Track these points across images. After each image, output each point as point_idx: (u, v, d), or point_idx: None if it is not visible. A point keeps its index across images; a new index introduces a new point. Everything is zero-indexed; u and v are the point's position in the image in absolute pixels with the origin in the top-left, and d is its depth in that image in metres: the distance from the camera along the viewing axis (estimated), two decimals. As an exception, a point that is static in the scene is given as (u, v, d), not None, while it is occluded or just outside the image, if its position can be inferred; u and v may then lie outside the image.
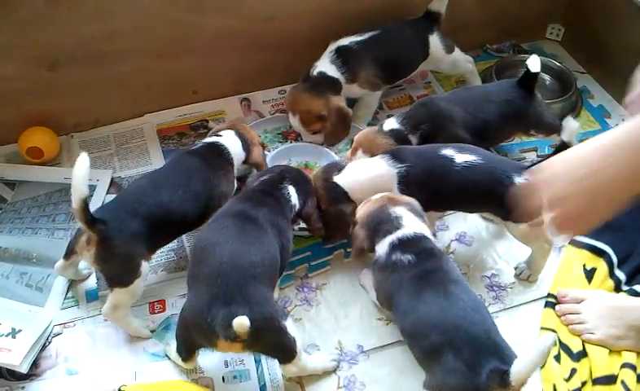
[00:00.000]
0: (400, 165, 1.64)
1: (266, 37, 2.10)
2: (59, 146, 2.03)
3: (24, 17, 1.83)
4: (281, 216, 1.56)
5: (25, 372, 1.50)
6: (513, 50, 2.43)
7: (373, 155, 1.75)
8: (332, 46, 1.99)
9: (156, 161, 2.04)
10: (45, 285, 1.69)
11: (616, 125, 2.13)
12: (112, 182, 1.96)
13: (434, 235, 1.63)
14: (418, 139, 1.82)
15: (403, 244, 1.46)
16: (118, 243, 1.48)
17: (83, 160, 1.37)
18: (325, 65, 1.96)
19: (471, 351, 1.27)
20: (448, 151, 1.64)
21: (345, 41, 1.99)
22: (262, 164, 1.82)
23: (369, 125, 2.07)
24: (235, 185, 1.75)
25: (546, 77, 2.26)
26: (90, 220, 1.44)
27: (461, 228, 1.85)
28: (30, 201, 1.91)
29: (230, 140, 1.76)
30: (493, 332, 1.31)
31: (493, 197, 1.61)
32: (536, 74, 1.83)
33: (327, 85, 1.95)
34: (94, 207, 1.81)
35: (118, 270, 1.51)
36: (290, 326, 1.40)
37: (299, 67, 2.02)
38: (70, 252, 1.57)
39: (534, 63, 1.81)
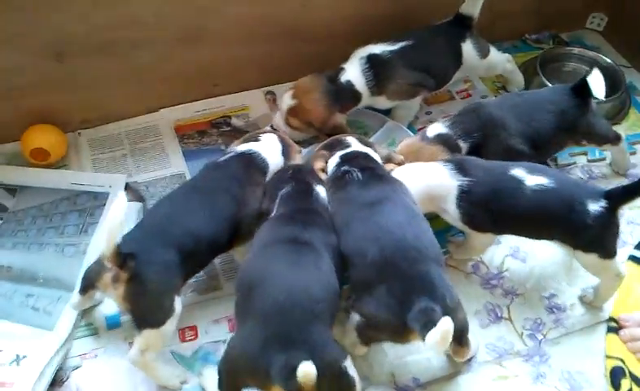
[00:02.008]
0: (463, 178, 1.51)
1: (295, 25, 1.94)
2: (66, 145, 1.84)
3: (27, 1, 1.64)
4: (330, 231, 1.41)
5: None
6: (552, 40, 2.29)
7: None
8: (363, 53, 1.83)
9: (176, 163, 1.87)
10: (55, 309, 1.52)
11: (667, 124, 2.02)
12: (128, 188, 1.78)
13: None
14: (470, 147, 1.68)
15: (350, 158, 1.52)
16: (151, 279, 1.32)
17: (121, 202, 1.22)
18: (355, 74, 1.82)
19: (404, 288, 1.27)
20: (518, 172, 1.50)
21: (376, 49, 1.84)
22: None
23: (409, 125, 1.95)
24: None
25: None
26: (121, 259, 1.28)
27: (514, 242, 1.71)
28: (34, 210, 1.72)
29: (269, 145, 1.59)
30: (431, 270, 1.30)
31: (563, 225, 1.48)
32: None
33: (346, 97, 1.82)
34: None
35: (150, 308, 1.34)
36: (350, 366, 1.26)
37: (327, 59, 1.87)
38: (89, 287, 1.40)
39: (598, 83, 1.70)
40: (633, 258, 1.68)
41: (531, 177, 1.48)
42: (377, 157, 1.57)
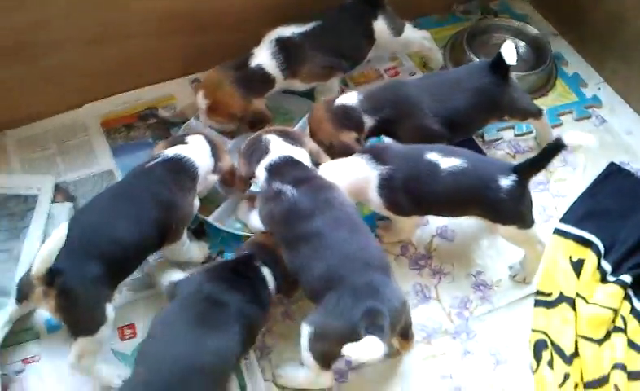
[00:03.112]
0: (381, 167, 1.54)
1: (208, 15, 1.92)
2: (-10, 148, 1.80)
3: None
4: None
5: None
6: (481, 11, 2.29)
7: (320, 140, 1.68)
8: (272, 36, 1.82)
9: (104, 160, 1.85)
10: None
11: (593, 95, 2.06)
12: (58, 189, 1.76)
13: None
14: (377, 123, 1.71)
15: (277, 170, 1.49)
16: (80, 292, 1.34)
17: (60, 232, 1.26)
18: (264, 58, 1.81)
19: (351, 295, 1.30)
20: (432, 155, 1.54)
21: (286, 31, 1.83)
22: (231, 178, 1.65)
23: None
24: (197, 205, 1.58)
25: (521, 44, 2.14)
26: (49, 278, 1.30)
27: (441, 222, 1.75)
28: (-36, 217, 1.69)
29: (196, 148, 1.58)
30: (375, 277, 1.34)
31: (479, 201, 1.54)
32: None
33: (259, 82, 1.81)
34: (39, 223, 1.66)
35: (82, 319, 1.37)
36: None
37: (245, 44, 1.85)
38: (23, 297, 1.40)
39: (510, 53, 1.69)
40: (558, 231, 1.73)
41: (445, 160, 1.53)
42: (304, 157, 1.55)
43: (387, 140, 1.76)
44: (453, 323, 1.59)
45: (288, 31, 1.83)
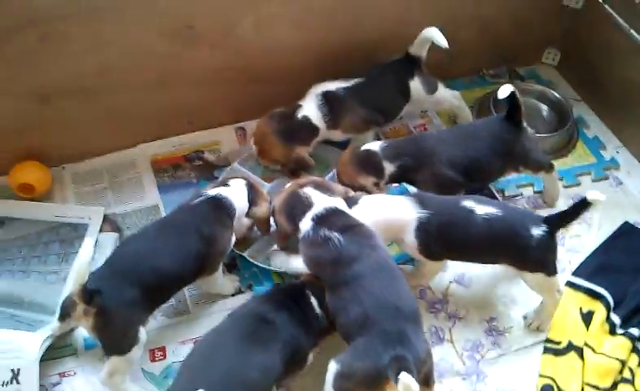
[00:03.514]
0: (421, 211, 1.64)
1: (261, 69, 2.08)
2: (51, 180, 1.99)
3: (16, 52, 1.80)
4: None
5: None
6: (510, 75, 2.42)
7: (342, 181, 1.81)
8: (318, 90, 1.98)
9: (151, 196, 2.01)
10: (37, 326, 1.66)
11: (611, 157, 2.15)
12: (106, 219, 1.93)
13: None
14: (398, 169, 1.83)
15: (324, 219, 1.55)
16: (116, 313, 1.47)
17: (88, 246, 1.38)
18: (311, 110, 1.96)
19: (382, 340, 1.36)
20: (468, 203, 1.64)
21: (332, 86, 1.99)
22: (265, 223, 1.77)
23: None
24: (233, 240, 1.70)
25: (543, 107, 2.25)
26: (88, 296, 1.43)
27: (459, 269, 1.85)
28: (20, 241, 1.87)
29: (236, 190, 1.71)
30: (408, 327, 1.39)
31: (510, 249, 1.63)
32: (519, 106, 1.81)
33: (304, 131, 1.97)
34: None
35: (117, 338, 1.49)
36: None
37: (293, 97, 2.01)
38: (65, 316, 1.53)
39: (503, 91, 1.80)
40: (570, 284, 1.81)
41: (480, 207, 1.63)
42: (343, 206, 1.62)
43: (409, 188, 1.88)
44: (465, 365, 1.67)
45: (333, 86, 1.99)
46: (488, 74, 2.42)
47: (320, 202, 1.60)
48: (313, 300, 1.54)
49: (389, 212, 1.66)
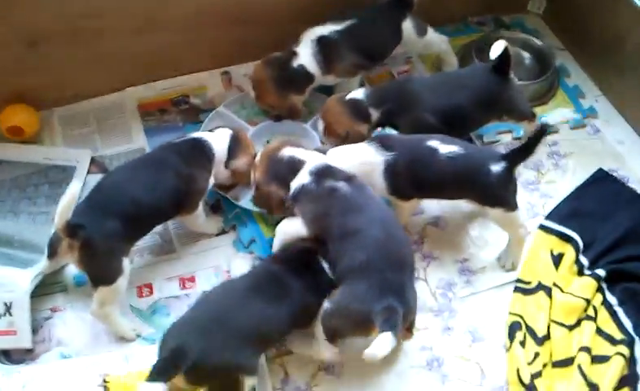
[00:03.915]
0: (387, 154, 1.70)
1: (245, 12, 2.10)
2: (39, 123, 2.03)
3: (1, -4, 1.82)
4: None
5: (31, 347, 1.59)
6: (495, 23, 2.44)
7: (336, 130, 1.85)
8: (312, 35, 1.99)
9: (137, 139, 2.06)
10: (28, 265, 1.72)
11: (590, 106, 2.19)
12: (94, 162, 1.98)
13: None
14: (382, 115, 1.87)
15: (325, 173, 1.60)
16: (98, 244, 1.54)
17: (74, 187, 1.45)
18: (306, 58, 1.98)
19: (380, 287, 1.44)
20: (433, 142, 1.70)
21: (324, 30, 1.99)
22: (243, 176, 1.81)
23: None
24: (211, 182, 1.76)
25: (526, 55, 2.28)
26: (71, 230, 1.50)
27: (435, 212, 1.91)
28: (9, 182, 1.92)
29: (217, 137, 1.77)
30: (406, 279, 1.50)
31: (471, 185, 1.69)
32: (508, 58, 1.84)
33: (300, 80, 1.99)
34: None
35: (101, 269, 1.57)
36: None
37: (278, 40, 2.03)
38: (53, 253, 1.60)
39: (495, 51, 1.84)
40: (542, 227, 1.87)
41: (444, 146, 1.69)
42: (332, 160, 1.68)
43: (390, 132, 1.92)
44: (437, 302, 1.74)
45: (326, 30, 1.99)
46: (473, 22, 2.44)
47: (312, 158, 1.65)
48: (325, 265, 1.59)
49: (357, 159, 1.71)
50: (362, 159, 1.72)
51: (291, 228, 1.64)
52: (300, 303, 1.52)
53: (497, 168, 1.66)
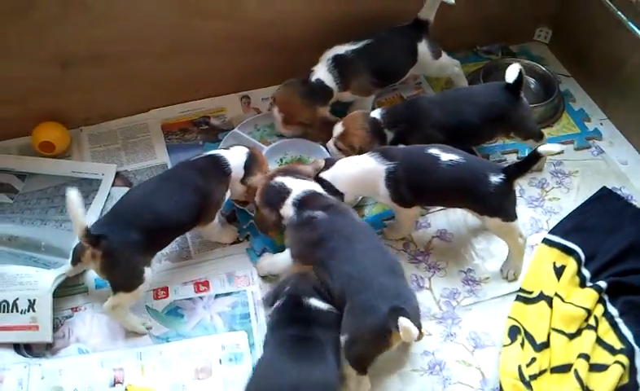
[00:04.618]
0: (388, 163, 1.78)
1: (266, 40, 2.22)
2: (69, 139, 2.17)
3: (38, 19, 1.96)
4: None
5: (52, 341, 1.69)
6: (502, 52, 2.53)
7: (351, 142, 1.94)
8: (329, 54, 2.10)
9: (160, 156, 2.18)
10: (52, 267, 1.82)
11: (595, 128, 2.25)
12: (119, 176, 2.10)
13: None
14: (395, 135, 1.96)
15: (304, 201, 1.69)
16: (120, 254, 1.63)
17: (72, 195, 1.53)
18: (323, 73, 2.08)
19: (377, 296, 1.51)
20: (434, 151, 1.78)
21: (341, 49, 2.10)
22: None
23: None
24: (227, 195, 1.85)
25: (531, 81, 2.36)
26: (94, 240, 1.60)
27: (442, 225, 1.98)
28: (39, 193, 2.05)
29: (234, 155, 1.85)
30: (397, 281, 1.58)
31: (471, 194, 1.76)
32: (521, 79, 1.93)
33: (320, 94, 2.08)
34: (99, 201, 2.00)
35: (122, 277, 1.66)
36: None
37: (297, 66, 2.14)
38: (77, 260, 1.70)
39: (511, 73, 1.93)
40: (546, 241, 1.93)
41: (445, 154, 1.76)
42: (318, 187, 1.76)
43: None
44: (441, 310, 1.80)
45: (342, 49, 2.10)
46: (482, 50, 2.53)
47: (297, 186, 1.74)
48: (314, 301, 1.60)
49: (361, 168, 1.80)
50: (366, 168, 1.80)
51: (284, 261, 1.75)
52: (332, 365, 1.54)
53: (496, 179, 1.73)
